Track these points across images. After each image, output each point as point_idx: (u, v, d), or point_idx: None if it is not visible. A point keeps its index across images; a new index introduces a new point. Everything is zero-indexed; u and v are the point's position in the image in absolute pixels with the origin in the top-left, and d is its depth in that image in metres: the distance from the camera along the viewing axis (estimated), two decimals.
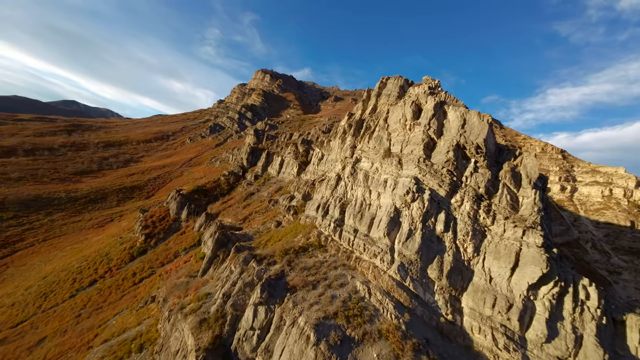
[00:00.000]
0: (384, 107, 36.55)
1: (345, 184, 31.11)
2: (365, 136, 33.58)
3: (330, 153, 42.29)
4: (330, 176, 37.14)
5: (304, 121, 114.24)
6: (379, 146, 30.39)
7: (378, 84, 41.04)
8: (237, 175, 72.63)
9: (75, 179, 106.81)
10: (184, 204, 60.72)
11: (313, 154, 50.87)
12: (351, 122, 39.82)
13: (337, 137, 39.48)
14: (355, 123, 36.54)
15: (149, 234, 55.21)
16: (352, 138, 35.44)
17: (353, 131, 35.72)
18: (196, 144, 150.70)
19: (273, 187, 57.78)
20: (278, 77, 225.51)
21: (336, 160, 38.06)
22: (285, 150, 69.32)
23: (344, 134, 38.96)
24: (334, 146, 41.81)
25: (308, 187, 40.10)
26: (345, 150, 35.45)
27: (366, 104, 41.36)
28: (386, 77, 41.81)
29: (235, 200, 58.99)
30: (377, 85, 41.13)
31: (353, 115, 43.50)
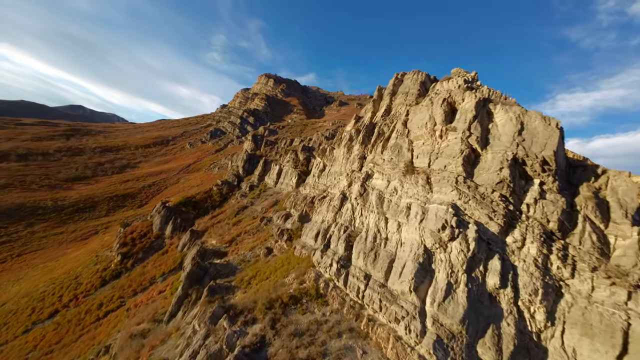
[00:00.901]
0: (401, 108, 29.14)
1: (353, 206, 23.57)
2: (378, 144, 26.24)
3: (334, 163, 34.95)
4: (333, 193, 29.70)
5: (306, 126, 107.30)
6: (398, 158, 22.87)
7: (392, 81, 33.66)
8: (231, 185, 65.52)
9: (66, 185, 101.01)
10: (168, 218, 53.65)
11: (314, 163, 43.50)
12: (359, 126, 32.47)
13: (342, 145, 32.21)
14: (365, 128, 29.62)
15: (127, 254, 48.11)
16: (360, 146, 28.04)
17: (362, 138, 28.45)
18: (196, 150, 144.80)
19: (269, 201, 50.46)
20: (282, 81, 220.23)
21: (341, 173, 30.71)
22: (284, 157, 62.14)
23: (350, 141, 31.65)
24: (338, 155, 34.47)
25: (306, 205, 32.79)
26: (352, 162, 28.05)
27: (378, 105, 33.91)
28: (401, 73, 34.39)
29: (226, 214, 51.73)
30: (391, 82, 33.72)
31: (361, 119, 36.00)
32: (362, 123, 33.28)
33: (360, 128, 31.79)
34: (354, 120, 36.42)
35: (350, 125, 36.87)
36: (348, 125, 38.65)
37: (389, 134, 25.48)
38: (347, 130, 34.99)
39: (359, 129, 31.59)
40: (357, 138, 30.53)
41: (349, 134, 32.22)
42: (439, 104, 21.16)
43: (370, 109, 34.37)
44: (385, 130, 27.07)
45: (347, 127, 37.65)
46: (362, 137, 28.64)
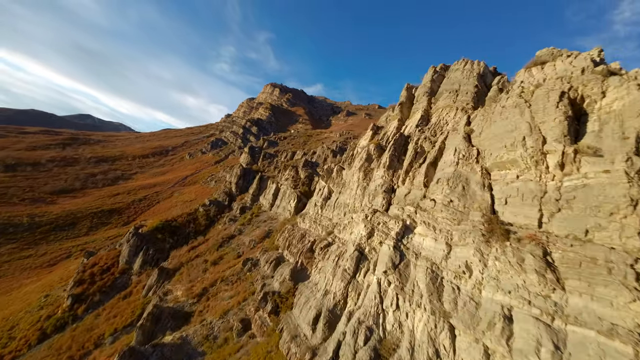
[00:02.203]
0: (449, 114, 18.86)
1: (380, 286, 13.06)
2: (417, 171, 16.02)
3: (343, 190, 24.68)
4: (343, 241, 19.31)
5: (310, 137, 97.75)
6: (463, 201, 12.51)
7: (429, 76, 23.08)
8: (220, 206, 55.49)
9: (50, 199, 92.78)
10: (139, 248, 43.67)
11: (317, 186, 33.20)
12: (380, 141, 22.37)
13: (356, 166, 22.10)
14: (392, 144, 19.24)
15: (80, 296, 38.02)
16: (385, 172, 18.19)
17: (388, 159, 18.17)
18: (195, 161, 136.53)
19: (260, 230, 40.12)
20: (288, 91, 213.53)
21: (354, 207, 20.45)
22: (282, 174, 52.10)
23: (367, 161, 21.57)
24: (349, 180, 24.25)
25: (303, 253, 22.48)
26: (372, 194, 17.85)
27: (407, 110, 23.72)
28: (440, 65, 24.04)
29: (208, 246, 41.47)
30: (426, 78, 23.22)
31: (381, 129, 25.83)
32: (384, 136, 22.85)
33: (383, 143, 21.54)
34: (371, 132, 26.11)
35: (365, 139, 26.57)
36: (363, 138, 28.34)
37: (435, 155, 15.32)
38: (363, 146, 24.67)
39: (381, 145, 21.28)
40: (378, 158, 20.28)
41: (365, 150, 21.90)
42: (553, 102, 10.88)
43: (395, 115, 23.93)
44: (426, 148, 16.94)
45: (362, 141, 27.38)
46: (387, 157, 18.22)
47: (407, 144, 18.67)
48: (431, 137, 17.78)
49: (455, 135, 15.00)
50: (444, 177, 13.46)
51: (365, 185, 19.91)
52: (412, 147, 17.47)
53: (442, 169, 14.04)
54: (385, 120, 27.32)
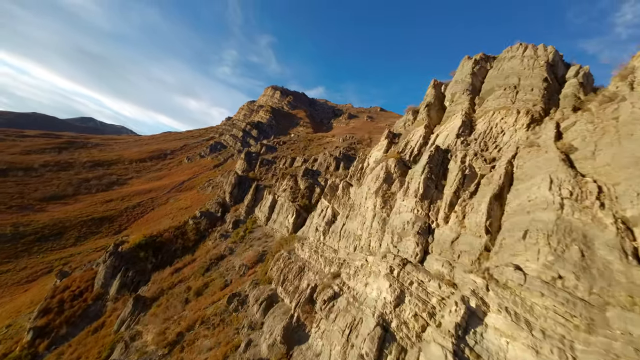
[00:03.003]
0: (506, 119, 13.01)
1: None
2: (469, 203, 10.35)
3: (352, 215, 18.97)
4: (355, 295, 13.63)
5: (311, 141, 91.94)
6: (589, 284, 6.64)
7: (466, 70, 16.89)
8: (212, 218, 49.82)
9: (39, 206, 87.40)
10: (117, 269, 38.01)
11: (319, 204, 27.42)
12: (402, 154, 16.65)
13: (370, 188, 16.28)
14: (428, 161, 13.04)
15: (44, 328, 32.32)
16: (418, 202, 11.47)
17: (421, 185, 12.14)
18: (193, 165, 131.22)
19: (253, 251, 34.42)
20: (289, 93, 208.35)
21: (368, 244, 14.73)
22: (280, 183, 46.42)
23: (387, 182, 15.29)
24: (359, 201, 18.60)
25: (301, 304, 16.82)
26: (396, 232, 12.23)
27: (436, 114, 17.75)
28: (480, 55, 18.15)
29: (194, 268, 35.75)
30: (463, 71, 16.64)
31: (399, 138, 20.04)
32: (406, 147, 16.83)
33: (406, 157, 15.93)
34: (385, 140, 20.37)
35: (379, 149, 20.84)
36: (375, 148, 22.46)
37: (501, 183, 9.57)
38: (377, 159, 18.82)
39: (404, 160, 15.62)
40: (401, 178, 14.36)
41: (382, 167, 16.08)
42: None
43: (420, 121, 17.92)
44: (478, 169, 11.13)
45: (375, 152, 21.54)
46: (421, 182, 11.84)
47: (445, 162, 12.97)
48: (481, 151, 12.13)
49: (537, 153, 9.35)
50: (534, 227, 7.82)
51: (385, 217, 14.22)
52: (458, 167, 11.77)
53: (525, 210, 8.36)
54: (403, 126, 21.60)
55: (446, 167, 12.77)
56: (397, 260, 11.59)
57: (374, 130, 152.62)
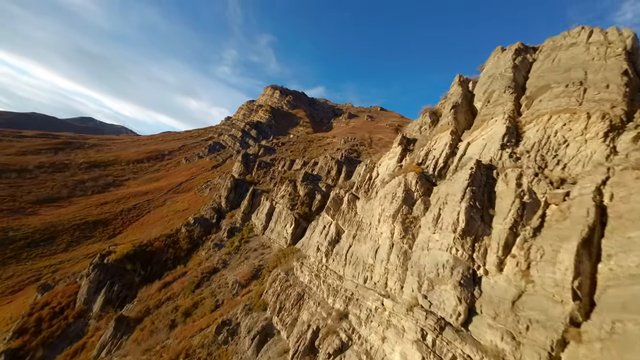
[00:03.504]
0: (571, 126, 9.56)
1: None
2: (534, 245, 7.12)
3: (361, 236, 15.66)
4: (368, 351, 10.32)
5: (311, 142, 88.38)
6: None
7: (508, 61, 12.64)
8: (206, 224, 46.47)
9: (32, 209, 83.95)
10: (102, 283, 34.67)
11: (320, 219, 24.04)
12: (423, 166, 13.32)
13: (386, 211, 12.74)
14: (470, 182, 9.21)
15: (19, 351, 28.98)
16: (458, 239, 8.22)
17: (463, 216, 8.39)
18: (191, 165, 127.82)
19: (247, 266, 31.10)
20: (288, 93, 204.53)
21: (384, 280, 11.21)
22: (279, 188, 43.04)
23: (407, 203, 11.60)
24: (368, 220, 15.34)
25: (300, 354, 13.64)
26: (424, 275, 9.01)
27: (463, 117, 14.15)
28: (519, 45, 14.71)
29: (184, 284, 32.41)
30: (502, 65, 11.70)
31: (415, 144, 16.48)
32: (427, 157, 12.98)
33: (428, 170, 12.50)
34: (399, 147, 16.89)
35: (391, 156, 17.44)
36: (386, 155, 18.97)
37: (591, 223, 6.37)
38: (391, 172, 15.20)
39: (426, 175, 12.29)
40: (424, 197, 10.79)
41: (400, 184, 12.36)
42: None
43: (446, 125, 14.31)
44: (541, 194, 7.99)
45: (385, 160, 18.13)
46: (463, 212, 8.60)
47: (490, 182, 9.61)
48: (539, 168, 8.86)
49: None
50: None
51: (407, 249, 10.90)
52: (512, 191, 8.36)
53: None
54: (418, 130, 18.19)
55: (491, 189, 9.44)
56: (430, 320, 8.33)
57: (374, 130, 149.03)
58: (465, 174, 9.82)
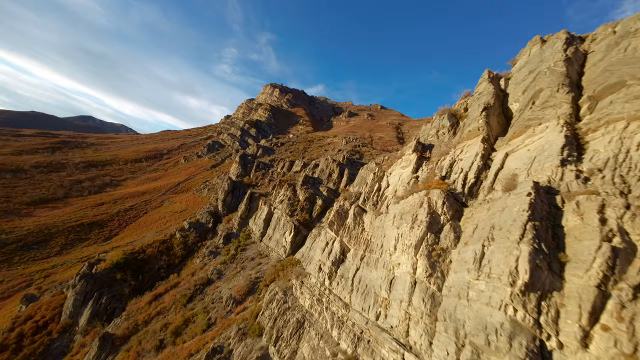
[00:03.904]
0: None
1: None
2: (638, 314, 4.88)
3: (371, 260, 13.21)
4: None
5: (311, 143, 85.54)
6: None
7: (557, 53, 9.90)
8: (203, 229, 43.98)
9: (26, 210, 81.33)
10: (89, 294, 32.20)
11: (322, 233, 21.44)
12: (448, 180, 10.91)
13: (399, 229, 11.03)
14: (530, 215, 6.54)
15: None
16: (512, 294, 5.85)
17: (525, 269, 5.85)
18: (190, 165, 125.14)
19: (243, 279, 28.62)
20: (288, 91, 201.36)
21: (402, 325, 8.95)
22: (277, 192, 40.46)
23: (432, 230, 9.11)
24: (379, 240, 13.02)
25: None
26: (457, 328, 6.98)
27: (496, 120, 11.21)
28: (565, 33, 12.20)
29: (176, 297, 29.92)
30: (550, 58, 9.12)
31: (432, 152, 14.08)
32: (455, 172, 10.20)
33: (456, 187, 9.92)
34: (414, 155, 14.24)
35: (403, 165, 14.81)
36: (397, 163, 16.17)
37: None
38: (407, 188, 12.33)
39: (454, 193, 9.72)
40: (457, 228, 9.16)
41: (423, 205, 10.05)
42: None
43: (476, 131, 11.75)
44: (630, 237, 6.01)
45: (398, 169, 15.48)
46: (521, 261, 5.94)
47: (554, 213, 7.20)
48: (620, 194, 6.43)
49: None
50: None
51: (435, 291, 8.34)
52: (594, 230, 6.02)
53: None
54: (435, 134, 15.53)
55: (556, 223, 6.97)
56: None
57: (375, 128, 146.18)
58: (520, 201, 7.26)
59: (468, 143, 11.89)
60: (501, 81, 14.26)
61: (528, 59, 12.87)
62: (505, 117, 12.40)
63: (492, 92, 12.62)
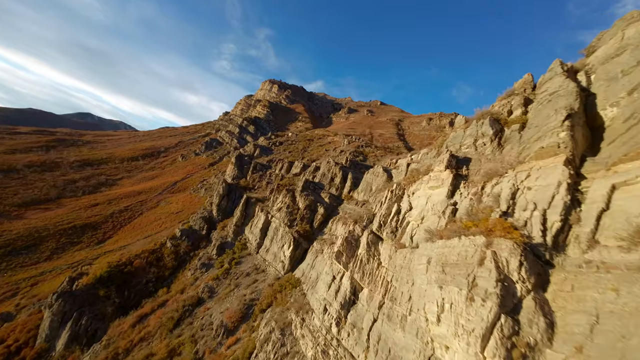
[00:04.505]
0: None
1: None
2: None
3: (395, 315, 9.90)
4: None
5: (311, 141, 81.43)
6: None
7: None
8: (195, 237, 40.42)
9: (17, 212, 77.52)
10: (68, 314, 28.70)
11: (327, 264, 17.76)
12: (531, 233, 7.40)
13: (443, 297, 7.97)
14: None
15: None
16: None
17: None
18: (187, 163, 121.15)
19: (237, 300, 25.16)
20: (287, 87, 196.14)
21: None
22: (276, 197, 36.79)
23: (505, 303, 5.78)
24: (401, 285, 9.82)
25: None
26: None
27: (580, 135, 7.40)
28: None
29: (162, 319, 26.44)
30: None
31: (471, 168, 11.08)
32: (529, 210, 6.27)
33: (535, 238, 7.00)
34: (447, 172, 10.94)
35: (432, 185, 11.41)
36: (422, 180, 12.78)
37: None
38: (439, 219, 9.40)
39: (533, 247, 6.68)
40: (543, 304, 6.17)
41: (484, 260, 7.01)
42: None
43: (554, 148, 7.57)
44: None
45: (424, 188, 11.95)
46: None
47: None
48: None
49: None
50: None
51: None
52: None
53: None
54: (472, 145, 11.77)
55: None
56: None
57: (375, 125, 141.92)
58: None
59: (538, 165, 8.24)
60: (579, 76, 10.48)
61: (622, 43, 9.13)
62: (590, 128, 8.76)
63: (574, 92, 8.92)
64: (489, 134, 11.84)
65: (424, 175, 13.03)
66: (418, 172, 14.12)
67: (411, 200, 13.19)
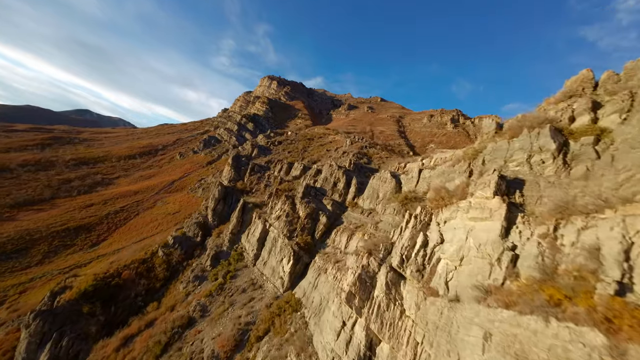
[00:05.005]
0: None
1: None
2: None
3: None
4: None
5: (312, 140, 78.01)
6: None
7: None
8: (189, 244, 37.56)
9: (9, 214, 74.45)
10: (47, 335, 25.94)
11: (335, 309, 14.82)
12: None
13: None
14: None
15: None
16: None
17: None
18: (185, 161, 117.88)
19: (231, 322, 22.41)
20: (286, 84, 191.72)
21: None
22: (274, 203, 33.83)
23: None
24: (439, 347, 7.48)
25: None
26: None
27: None
28: None
29: (149, 342, 23.69)
30: None
31: (526, 194, 8.85)
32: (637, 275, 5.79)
33: None
34: (498, 201, 8.28)
35: (479, 217, 8.75)
36: (461, 207, 9.84)
37: None
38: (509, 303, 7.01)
39: None
40: None
41: None
42: None
43: None
44: None
45: (466, 221, 9.15)
46: None
47: None
48: None
49: None
50: None
51: None
52: None
53: None
54: (525, 162, 8.68)
55: None
56: None
57: (375, 122, 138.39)
58: None
59: None
60: None
61: None
62: None
63: None
64: (551, 149, 8.90)
65: (460, 200, 10.07)
66: (447, 192, 11.17)
67: (442, 230, 10.26)
